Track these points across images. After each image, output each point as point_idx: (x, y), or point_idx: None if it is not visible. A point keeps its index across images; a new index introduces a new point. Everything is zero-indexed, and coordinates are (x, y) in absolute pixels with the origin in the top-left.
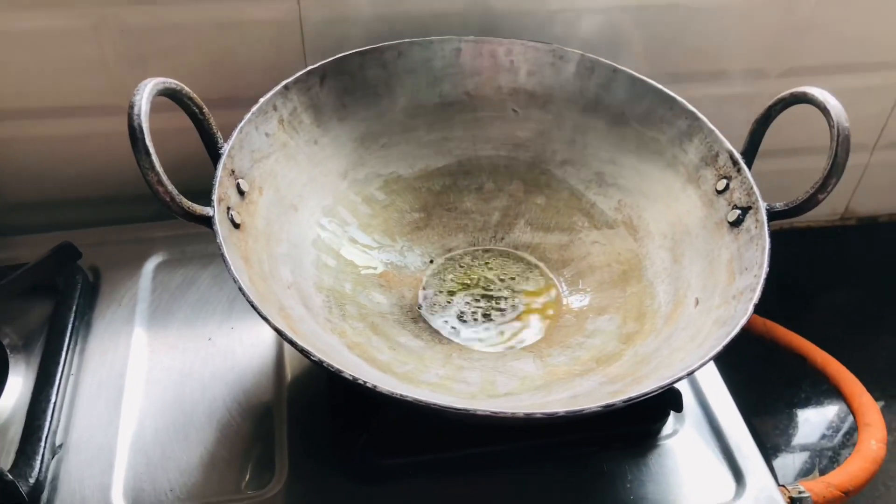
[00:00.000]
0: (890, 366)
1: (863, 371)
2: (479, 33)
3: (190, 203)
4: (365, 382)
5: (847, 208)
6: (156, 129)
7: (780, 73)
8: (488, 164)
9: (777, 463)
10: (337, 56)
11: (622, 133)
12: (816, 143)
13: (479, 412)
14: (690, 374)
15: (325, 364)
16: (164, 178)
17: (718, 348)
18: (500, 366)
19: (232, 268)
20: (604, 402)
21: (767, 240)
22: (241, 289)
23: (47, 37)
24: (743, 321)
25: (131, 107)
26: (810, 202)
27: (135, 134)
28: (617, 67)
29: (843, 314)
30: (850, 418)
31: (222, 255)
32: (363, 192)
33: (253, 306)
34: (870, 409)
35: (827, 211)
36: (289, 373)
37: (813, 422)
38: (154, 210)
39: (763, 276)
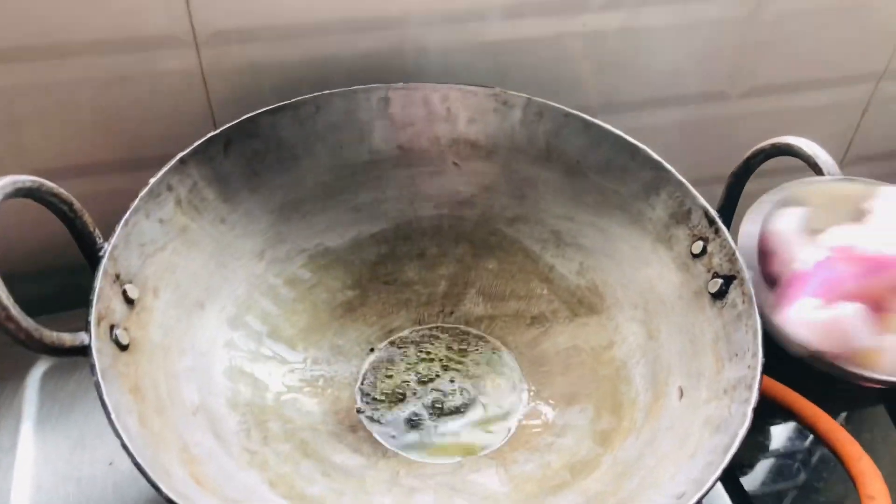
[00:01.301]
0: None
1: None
2: (414, 74)
3: (54, 335)
4: None
5: None
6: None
7: (741, 93)
8: (430, 225)
9: None
10: (243, 118)
11: (579, 185)
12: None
13: None
14: None
15: None
16: (14, 311)
17: (717, 473)
18: (458, 482)
19: (114, 418)
20: None
21: (759, 319)
22: (124, 446)
23: None
24: (742, 432)
25: None
26: None
27: None
28: (569, 112)
29: None
30: None
31: (101, 401)
32: (284, 272)
33: (142, 471)
34: (872, 477)
35: None
36: None
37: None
38: (35, 292)
39: (759, 368)
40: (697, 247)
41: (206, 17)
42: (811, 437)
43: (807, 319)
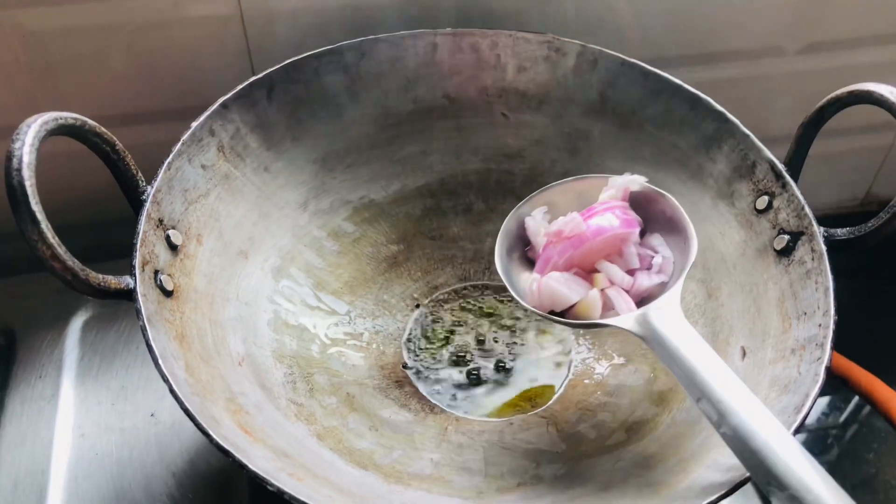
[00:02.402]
0: None
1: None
2: (457, 23)
3: (100, 278)
4: None
5: (868, 192)
6: (47, 154)
7: (799, 49)
8: (477, 180)
9: None
10: (287, 62)
11: (634, 138)
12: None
13: None
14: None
15: (286, 496)
16: (60, 250)
17: (790, 432)
18: (508, 440)
19: (161, 363)
20: None
21: (830, 277)
22: (172, 391)
23: None
24: (814, 392)
25: (9, 158)
26: (885, 229)
27: (15, 195)
28: (625, 60)
29: (869, 312)
30: None
31: (148, 346)
32: (328, 224)
33: (194, 420)
34: None
35: (846, 196)
36: None
37: None
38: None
39: (831, 326)
40: (762, 202)
41: None
42: (845, 412)
43: (529, 289)
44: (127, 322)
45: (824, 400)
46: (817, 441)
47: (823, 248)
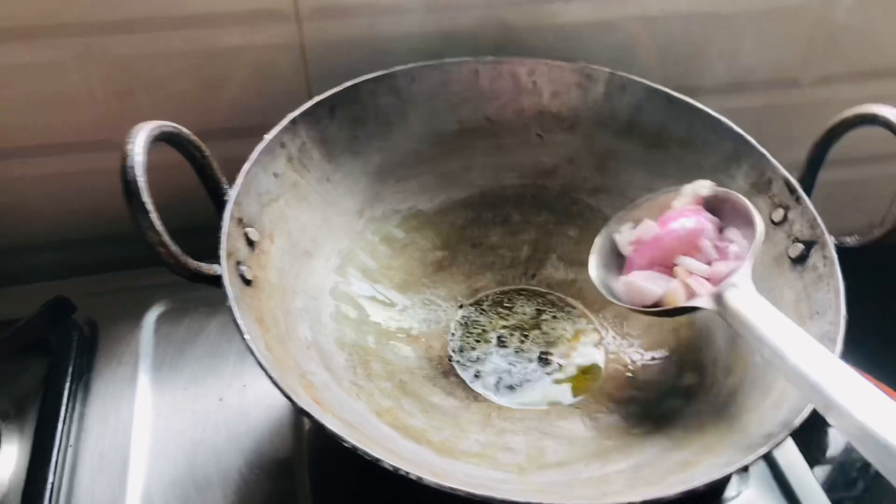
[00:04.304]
0: None
1: None
2: (493, 51)
3: (196, 263)
4: (408, 473)
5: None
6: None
7: (814, 80)
8: (514, 194)
9: None
10: (347, 84)
11: (660, 157)
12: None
13: None
14: (776, 445)
15: (360, 452)
16: (166, 237)
17: (804, 414)
18: (546, 426)
19: (248, 337)
20: (683, 488)
21: (841, 280)
22: (260, 364)
23: (28, 70)
24: None
25: (124, 157)
26: (892, 236)
27: (130, 189)
28: (652, 86)
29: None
30: None
31: (235, 323)
32: (381, 230)
33: (278, 387)
34: None
35: (862, 223)
36: (307, 428)
37: None
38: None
39: (842, 324)
40: (778, 214)
41: None
42: None
43: (619, 288)
44: (195, 318)
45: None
46: (842, 475)
47: (835, 254)
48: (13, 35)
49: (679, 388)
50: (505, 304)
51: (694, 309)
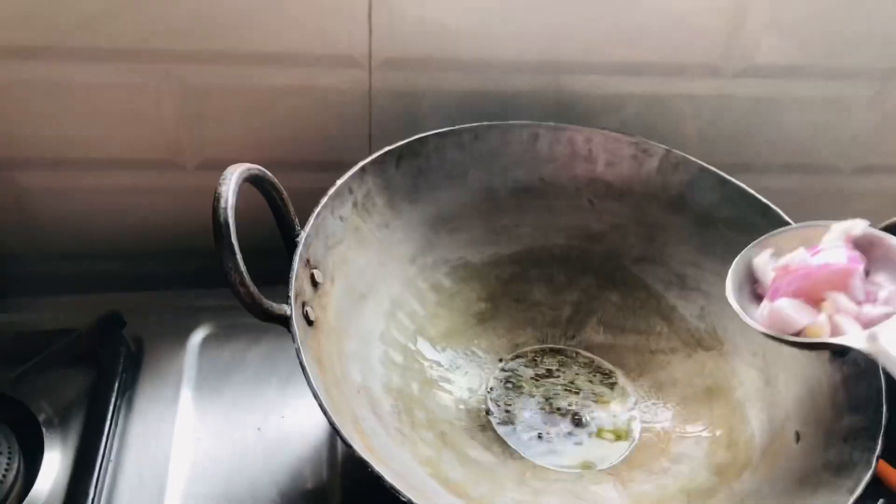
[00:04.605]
0: None
1: None
2: (556, 115)
3: (267, 303)
4: None
5: None
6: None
7: (854, 169)
8: (560, 254)
9: None
10: (415, 137)
11: (708, 235)
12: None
13: None
14: None
15: None
16: (248, 278)
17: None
18: (580, 491)
19: (314, 383)
20: None
21: (882, 378)
22: (324, 410)
23: (108, 89)
24: (866, 477)
25: (217, 198)
26: None
27: (220, 230)
28: (705, 167)
29: None
30: None
31: (302, 366)
32: (431, 278)
33: (339, 434)
34: None
35: None
36: (340, 459)
37: None
38: (195, 267)
39: (882, 421)
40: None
41: (384, 44)
42: None
43: (760, 315)
44: (239, 344)
45: None
46: None
47: None
48: (102, 56)
49: (711, 464)
50: (543, 362)
51: (834, 346)
